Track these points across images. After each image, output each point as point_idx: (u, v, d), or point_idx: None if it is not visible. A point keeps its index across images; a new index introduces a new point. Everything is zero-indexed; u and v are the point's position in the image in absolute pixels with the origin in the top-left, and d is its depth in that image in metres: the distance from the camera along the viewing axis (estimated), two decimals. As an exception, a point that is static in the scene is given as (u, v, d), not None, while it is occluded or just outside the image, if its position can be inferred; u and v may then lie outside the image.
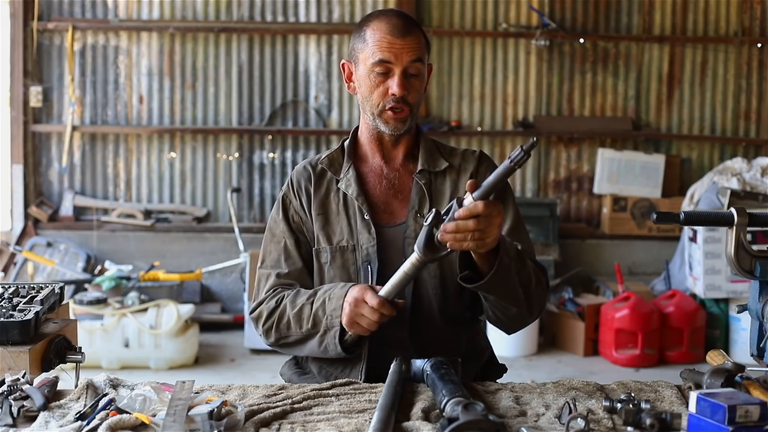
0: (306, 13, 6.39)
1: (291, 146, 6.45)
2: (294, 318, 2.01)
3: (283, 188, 2.18)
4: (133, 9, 6.34)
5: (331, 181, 2.12)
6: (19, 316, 1.88)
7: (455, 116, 6.48)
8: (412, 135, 2.13)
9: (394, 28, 2.00)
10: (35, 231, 6.25)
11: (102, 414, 1.57)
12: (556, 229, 6.25)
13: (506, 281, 1.86)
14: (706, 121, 6.59)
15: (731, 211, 1.84)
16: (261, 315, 2.08)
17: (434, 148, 2.15)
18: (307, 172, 2.14)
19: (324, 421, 1.60)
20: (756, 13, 6.52)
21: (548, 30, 6.35)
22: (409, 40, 2.00)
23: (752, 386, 1.64)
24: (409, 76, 2.01)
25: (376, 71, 2.01)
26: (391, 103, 2.01)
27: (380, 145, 2.12)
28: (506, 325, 2.03)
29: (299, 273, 2.10)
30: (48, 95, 6.34)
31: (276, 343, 2.09)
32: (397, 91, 1.99)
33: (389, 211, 2.09)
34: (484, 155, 2.16)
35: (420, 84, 2.03)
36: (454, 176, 2.11)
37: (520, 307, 1.94)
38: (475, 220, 1.73)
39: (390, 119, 2.03)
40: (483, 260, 1.83)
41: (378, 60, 2.00)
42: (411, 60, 2.00)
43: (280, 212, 2.14)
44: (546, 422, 1.61)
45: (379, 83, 2.01)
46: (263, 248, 2.16)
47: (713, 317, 5.52)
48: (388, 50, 1.99)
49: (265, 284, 2.11)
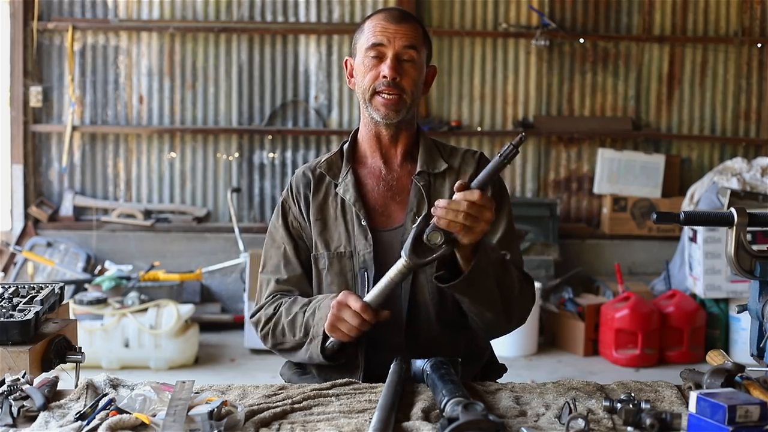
0: (306, 13, 6.39)
1: (291, 146, 6.45)
2: (288, 326, 2.02)
3: (283, 194, 2.18)
4: (133, 9, 6.34)
5: (330, 186, 2.12)
6: (19, 316, 1.88)
7: (455, 116, 6.48)
8: (411, 134, 2.12)
9: (389, 16, 2.04)
10: (35, 231, 6.25)
11: (102, 414, 1.57)
12: (556, 229, 6.25)
13: (481, 285, 1.85)
14: (706, 121, 6.59)
15: (731, 211, 1.84)
16: (260, 321, 2.10)
17: (434, 149, 2.13)
18: (306, 178, 2.14)
19: (324, 421, 1.60)
20: (756, 13, 6.53)
21: (548, 30, 6.35)
22: (404, 27, 2.01)
23: (752, 386, 1.64)
24: (403, 61, 2.01)
25: (369, 55, 2.02)
26: (382, 86, 2.00)
27: (379, 143, 2.11)
28: (483, 330, 2.03)
29: (298, 279, 2.11)
30: (48, 95, 6.34)
31: (273, 348, 2.11)
32: (388, 73, 1.99)
33: (387, 214, 2.08)
34: (484, 157, 2.15)
35: (415, 72, 2.02)
36: (454, 178, 2.09)
37: (497, 313, 1.93)
38: (468, 203, 1.73)
39: (380, 105, 2.02)
40: (465, 261, 1.82)
41: (371, 44, 2.01)
42: (404, 45, 2.00)
43: (280, 218, 2.15)
44: (546, 422, 1.61)
45: (372, 67, 2.02)
46: (264, 253, 2.17)
47: (713, 317, 5.52)
48: (381, 34, 2.01)
49: (265, 290, 2.13)
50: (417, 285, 2.03)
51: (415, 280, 2.02)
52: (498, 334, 2.05)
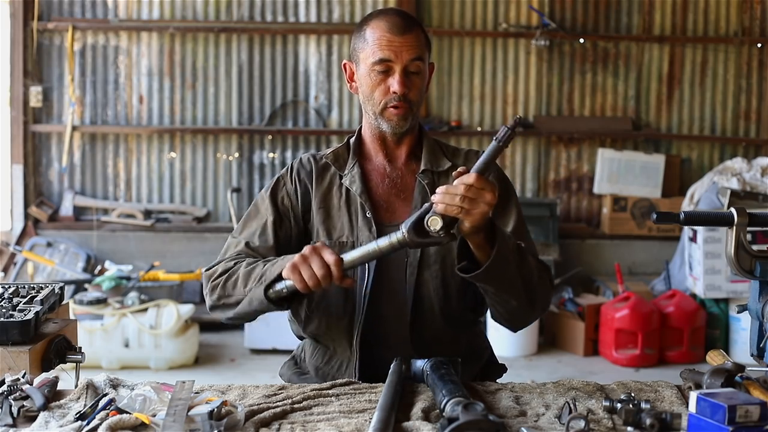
0: (306, 13, 6.39)
1: (291, 146, 6.45)
2: (243, 276, 1.94)
3: (281, 171, 2.16)
4: (133, 9, 6.34)
5: (335, 176, 2.11)
6: (19, 316, 1.88)
7: (455, 116, 6.48)
8: (414, 134, 2.13)
9: (393, 26, 2.00)
10: (35, 231, 6.25)
11: (102, 414, 1.57)
12: (556, 229, 6.25)
13: (504, 272, 1.84)
14: (706, 121, 6.59)
15: (731, 211, 1.84)
16: (215, 273, 2.01)
17: (437, 148, 2.14)
18: (310, 164, 2.13)
19: (324, 421, 1.60)
20: (756, 13, 6.53)
21: (548, 30, 6.35)
22: (409, 38, 1.99)
23: (752, 386, 1.64)
24: (410, 73, 2.01)
25: (376, 70, 2.00)
26: (393, 101, 2.01)
27: (383, 144, 2.11)
28: (509, 321, 2.01)
29: (267, 251, 2.04)
30: (48, 95, 6.34)
31: (216, 303, 1.99)
32: (398, 89, 1.99)
33: (391, 210, 2.08)
34: None
35: (421, 82, 2.03)
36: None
37: (521, 300, 1.92)
38: (465, 186, 1.72)
39: (391, 117, 2.03)
40: (481, 251, 1.81)
41: (378, 59, 1.99)
42: (411, 58, 1.99)
43: (269, 191, 2.11)
44: (546, 422, 1.61)
45: (380, 82, 2.01)
46: (242, 221, 2.11)
47: (713, 317, 5.52)
48: (388, 48, 1.99)
49: (232, 250, 2.06)
50: (421, 280, 2.03)
51: (420, 276, 2.02)
52: (522, 322, 2.03)
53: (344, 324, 2.03)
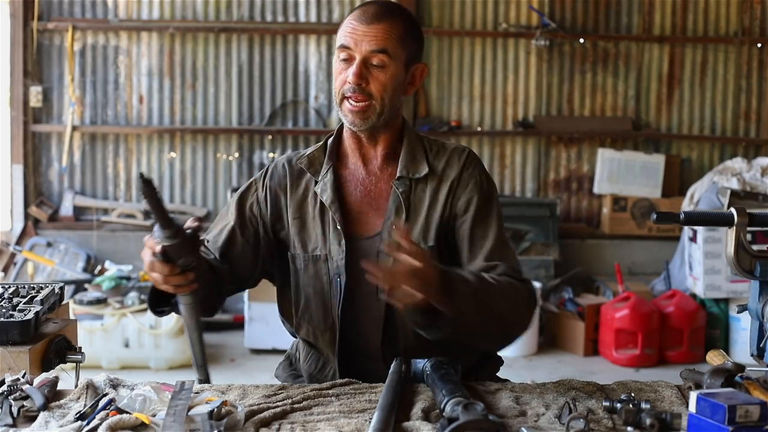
0: (306, 13, 6.39)
1: (291, 146, 6.45)
2: None
3: (256, 175, 2.09)
4: (133, 9, 6.34)
5: (310, 182, 2.00)
6: (19, 316, 1.88)
7: (455, 116, 6.48)
8: (393, 133, 1.99)
9: (362, 14, 1.91)
10: (35, 231, 6.25)
11: (102, 414, 1.57)
12: (556, 229, 6.25)
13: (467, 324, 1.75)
14: (706, 121, 6.59)
15: (731, 211, 1.84)
16: None
17: (419, 149, 1.99)
18: (284, 170, 2.03)
19: (324, 421, 1.60)
20: (756, 13, 6.52)
21: (548, 30, 6.35)
22: (375, 28, 1.89)
23: (752, 386, 1.64)
24: (371, 66, 1.90)
25: (340, 57, 1.93)
26: (348, 92, 1.90)
27: (358, 143, 2.00)
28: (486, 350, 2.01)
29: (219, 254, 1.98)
30: (48, 95, 6.34)
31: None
32: (351, 79, 1.88)
33: (364, 221, 1.97)
34: (471, 157, 2.00)
35: (385, 77, 1.89)
36: (435, 183, 1.97)
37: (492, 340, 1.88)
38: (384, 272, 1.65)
39: (348, 112, 1.91)
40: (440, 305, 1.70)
41: (339, 44, 1.93)
42: (372, 49, 1.88)
43: (239, 196, 2.05)
44: (546, 422, 1.61)
45: (341, 71, 1.92)
46: (216, 219, 2.08)
47: (713, 317, 5.52)
48: (350, 36, 1.90)
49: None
50: None
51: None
52: (500, 349, 2.01)
53: (328, 336, 2.00)
